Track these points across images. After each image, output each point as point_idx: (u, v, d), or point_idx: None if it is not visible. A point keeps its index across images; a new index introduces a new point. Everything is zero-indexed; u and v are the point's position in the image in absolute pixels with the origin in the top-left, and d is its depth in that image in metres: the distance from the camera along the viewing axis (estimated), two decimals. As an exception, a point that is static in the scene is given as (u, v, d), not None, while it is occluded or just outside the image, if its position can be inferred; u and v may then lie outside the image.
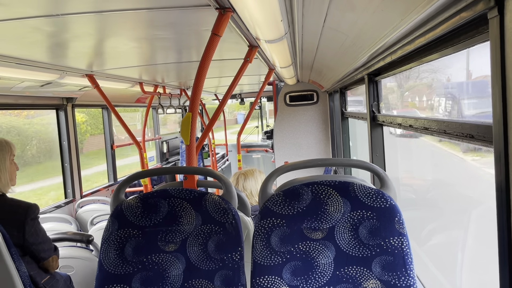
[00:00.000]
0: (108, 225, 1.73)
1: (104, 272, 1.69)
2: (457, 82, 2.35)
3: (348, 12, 1.79)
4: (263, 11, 1.75)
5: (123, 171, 6.67)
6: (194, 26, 2.33)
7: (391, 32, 1.60)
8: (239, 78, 2.77)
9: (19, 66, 2.90)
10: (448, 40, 1.44)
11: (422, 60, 1.80)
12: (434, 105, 2.87)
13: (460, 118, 1.43)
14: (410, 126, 1.98)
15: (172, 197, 1.73)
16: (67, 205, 4.85)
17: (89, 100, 5.12)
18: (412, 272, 1.51)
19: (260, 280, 1.56)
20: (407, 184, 3.88)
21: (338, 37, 2.32)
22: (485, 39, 1.16)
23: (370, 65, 2.53)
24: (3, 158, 2.34)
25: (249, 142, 10.94)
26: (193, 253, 1.71)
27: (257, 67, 4.42)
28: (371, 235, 1.54)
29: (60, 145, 4.94)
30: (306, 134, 6.60)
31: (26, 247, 2.31)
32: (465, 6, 1.09)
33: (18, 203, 2.32)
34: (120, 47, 2.81)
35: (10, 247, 2.02)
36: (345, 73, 3.34)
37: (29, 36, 2.22)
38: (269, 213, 1.60)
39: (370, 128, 2.78)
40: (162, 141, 8.53)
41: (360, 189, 1.56)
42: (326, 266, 1.57)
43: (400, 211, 1.54)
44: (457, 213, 2.59)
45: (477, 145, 1.29)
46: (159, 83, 5.50)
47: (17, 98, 3.99)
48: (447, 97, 2.49)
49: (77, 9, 1.84)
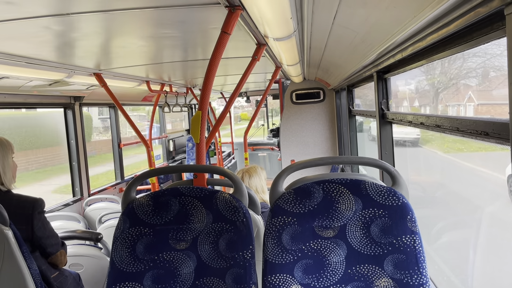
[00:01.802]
0: (119, 223, 1.73)
1: (115, 270, 1.70)
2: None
3: (359, 9, 1.77)
4: (273, 9, 1.74)
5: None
6: (202, 24, 2.33)
7: (403, 29, 1.58)
8: (247, 76, 2.76)
9: (28, 65, 2.92)
10: (461, 36, 1.43)
11: (433, 57, 1.78)
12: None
13: (474, 116, 1.42)
14: (421, 124, 1.96)
15: (183, 195, 1.73)
16: (75, 203, 4.88)
17: (96, 98, 5.14)
18: (424, 271, 1.49)
19: (271, 278, 1.56)
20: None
21: (348, 34, 2.30)
22: (501, 35, 1.15)
23: (380, 63, 2.51)
24: (7, 156, 2.41)
25: (255, 140, 10.93)
26: (204, 251, 1.70)
27: (263, 65, 4.41)
28: (383, 233, 1.53)
29: (68, 143, 4.96)
30: (312, 132, 6.58)
31: (35, 241, 2.35)
32: (481, 2, 1.08)
33: (24, 198, 2.37)
34: (128, 46, 2.82)
35: (21, 245, 2.04)
36: (353, 71, 3.32)
37: (39, 35, 2.23)
38: (280, 211, 1.59)
39: (379, 126, 2.76)
40: (169, 140, 8.54)
41: (372, 187, 1.55)
42: (338, 264, 1.56)
43: (412, 209, 1.53)
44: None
45: (492, 143, 1.28)
46: (166, 81, 5.50)
47: (26, 97, 4.02)
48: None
49: (86, 8, 1.84)
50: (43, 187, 9.35)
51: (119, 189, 5.96)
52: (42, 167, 9.69)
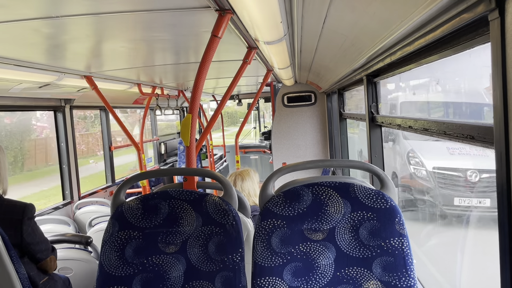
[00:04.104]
0: (108, 226, 1.73)
1: (104, 274, 1.69)
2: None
3: (348, 14, 1.79)
4: (263, 13, 1.75)
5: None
6: (193, 28, 2.33)
7: (391, 34, 1.60)
8: (238, 79, 2.77)
9: (18, 68, 2.89)
10: (448, 41, 1.45)
11: (421, 61, 1.81)
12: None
13: (460, 120, 1.44)
14: (409, 127, 1.98)
15: (173, 199, 1.73)
16: (65, 206, 4.84)
17: (87, 101, 5.11)
18: (412, 273, 1.51)
19: (261, 281, 1.56)
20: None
21: (338, 38, 2.32)
22: (486, 41, 1.17)
23: (369, 66, 2.54)
24: (3, 160, 2.38)
25: (246, 143, 10.94)
26: (193, 254, 1.70)
27: (255, 68, 4.42)
28: (371, 236, 1.55)
29: (58, 146, 4.93)
30: (304, 135, 6.61)
31: (24, 247, 2.31)
32: (466, 8, 1.10)
33: (14, 203, 2.34)
34: (119, 48, 2.81)
35: (9, 249, 2.02)
36: (343, 74, 3.34)
37: (28, 38, 2.22)
38: (269, 214, 1.60)
39: (369, 129, 2.78)
40: (160, 142, 8.52)
41: (361, 190, 1.56)
42: (327, 267, 1.57)
43: (400, 212, 1.54)
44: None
45: (478, 146, 1.30)
46: (157, 84, 5.49)
47: (15, 100, 3.98)
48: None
49: (76, 11, 1.84)
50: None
51: (110, 192, 5.92)
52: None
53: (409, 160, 5.24)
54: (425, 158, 5.05)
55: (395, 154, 5.62)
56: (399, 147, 5.54)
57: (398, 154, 5.54)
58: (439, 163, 4.89)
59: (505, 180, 0.98)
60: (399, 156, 5.50)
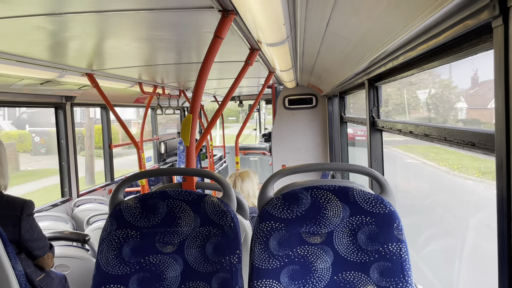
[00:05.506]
0: (106, 225, 1.72)
1: (101, 272, 1.69)
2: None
3: (352, 17, 1.79)
4: (267, 15, 1.75)
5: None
6: (196, 28, 2.33)
7: (394, 38, 1.60)
8: (240, 81, 2.77)
9: (20, 64, 2.89)
10: (450, 48, 1.45)
11: (423, 67, 1.80)
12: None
13: (461, 126, 1.44)
14: (410, 133, 1.98)
15: (171, 198, 1.73)
16: (64, 204, 4.83)
17: (88, 99, 5.11)
18: (410, 279, 1.50)
19: (257, 284, 1.55)
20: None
21: (340, 42, 2.32)
22: (489, 47, 1.17)
23: (371, 71, 2.53)
24: (4, 156, 2.37)
25: (246, 144, 10.93)
26: (191, 255, 1.70)
27: (256, 69, 4.42)
28: (369, 241, 1.54)
29: (58, 143, 4.92)
30: (304, 138, 6.60)
31: (22, 244, 2.31)
32: (470, 15, 1.09)
33: (13, 199, 2.33)
34: (121, 47, 2.81)
35: (6, 245, 2.01)
36: (345, 78, 3.34)
37: (31, 34, 2.21)
38: (268, 217, 1.59)
39: (369, 134, 2.78)
40: (160, 142, 8.51)
41: (360, 195, 1.56)
42: (324, 271, 1.56)
43: (399, 217, 1.54)
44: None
45: (479, 153, 1.29)
46: (159, 83, 5.49)
47: (16, 96, 3.98)
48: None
49: (79, 8, 1.83)
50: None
51: (109, 191, 5.92)
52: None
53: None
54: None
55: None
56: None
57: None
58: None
59: (505, 187, 0.98)
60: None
